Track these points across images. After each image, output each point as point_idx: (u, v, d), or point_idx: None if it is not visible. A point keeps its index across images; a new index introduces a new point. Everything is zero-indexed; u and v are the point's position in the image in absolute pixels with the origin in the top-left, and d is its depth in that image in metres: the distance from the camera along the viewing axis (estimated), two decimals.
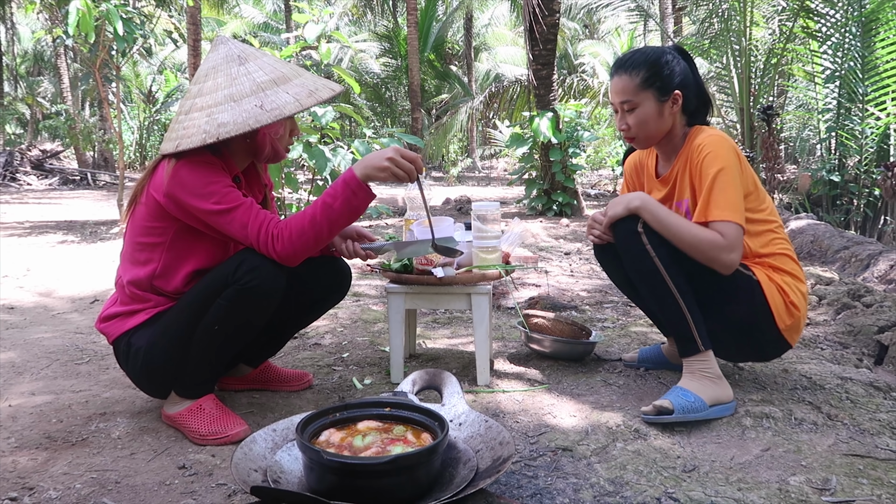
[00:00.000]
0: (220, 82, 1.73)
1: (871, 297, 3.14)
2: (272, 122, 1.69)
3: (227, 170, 1.77)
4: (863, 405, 1.93)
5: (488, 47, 23.01)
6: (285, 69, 1.79)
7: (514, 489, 1.46)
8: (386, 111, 20.04)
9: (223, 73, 1.74)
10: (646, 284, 1.86)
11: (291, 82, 1.75)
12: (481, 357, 2.13)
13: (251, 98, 1.69)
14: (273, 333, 2.03)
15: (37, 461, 1.63)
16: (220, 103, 1.70)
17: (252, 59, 1.77)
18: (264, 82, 1.73)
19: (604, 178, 14.93)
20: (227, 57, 1.77)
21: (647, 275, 1.83)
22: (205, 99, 1.73)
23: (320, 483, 1.31)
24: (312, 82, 1.79)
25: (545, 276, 4.03)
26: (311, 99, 1.74)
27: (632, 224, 1.84)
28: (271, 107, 1.69)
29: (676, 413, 1.75)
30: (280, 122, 1.77)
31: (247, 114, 1.67)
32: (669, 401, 1.77)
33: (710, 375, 1.83)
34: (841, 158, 7.19)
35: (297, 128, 1.91)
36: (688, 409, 1.77)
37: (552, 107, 7.72)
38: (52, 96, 23.14)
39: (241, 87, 1.71)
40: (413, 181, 1.75)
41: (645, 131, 1.93)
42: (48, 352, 2.58)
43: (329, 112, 4.97)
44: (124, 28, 5.54)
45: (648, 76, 1.88)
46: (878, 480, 1.50)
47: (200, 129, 1.68)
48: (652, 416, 1.77)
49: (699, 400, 1.79)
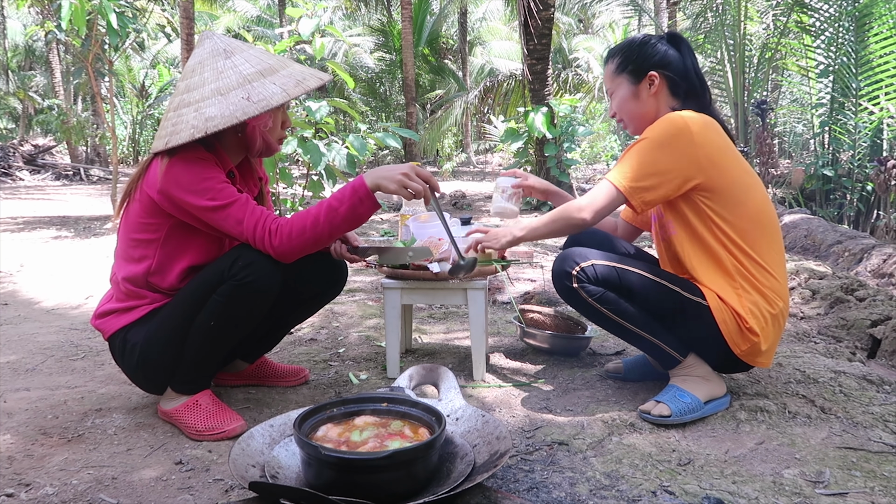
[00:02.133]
0: (207, 77, 1.72)
1: (864, 291, 3.16)
2: (260, 114, 1.67)
3: (221, 165, 1.76)
4: (856, 398, 1.94)
5: (483, 42, 22.97)
6: (272, 60, 1.77)
7: (511, 483, 1.47)
8: (380, 106, 19.98)
9: (209, 68, 1.73)
10: (603, 325, 1.88)
11: (278, 73, 1.74)
12: (477, 352, 2.13)
13: (238, 90, 1.68)
14: (269, 329, 2.03)
15: (33, 457, 1.63)
16: (208, 98, 1.69)
17: (238, 53, 1.76)
18: (251, 74, 1.71)
19: (598, 172, 14.94)
20: (213, 51, 1.76)
21: (600, 319, 1.85)
22: (192, 94, 1.71)
23: (318, 478, 1.31)
24: (300, 72, 1.78)
25: (541, 271, 4.04)
26: (298, 88, 1.72)
27: (567, 281, 1.83)
28: (258, 98, 1.67)
29: (674, 416, 1.77)
30: (269, 114, 1.76)
31: (234, 106, 1.66)
32: (667, 405, 1.78)
33: (701, 375, 1.85)
34: (834, 153, 7.22)
35: (289, 119, 1.90)
36: (684, 410, 1.78)
37: (547, 102, 7.72)
38: (44, 91, 22.98)
39: (228, 81, 1.70)
40: (427, 201, 1.73)
41: (626, 114, 1.94)
42: (43, 348, 2.58)
43: (323, 107, 4.95)
44: (118, 22, 5.50)
45: (621, 61, 1.92)
46: (870, 473, 1.51)
47: (189, 124, 1.67)
48: (650, 416, 1.79)
49: (695, 399, 1.81)
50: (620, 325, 1.83)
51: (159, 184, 1.68)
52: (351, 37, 19.41)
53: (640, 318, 1.82)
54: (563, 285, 1.85)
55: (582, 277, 1.81)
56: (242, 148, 1.85)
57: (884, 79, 6.63)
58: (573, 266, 1.81)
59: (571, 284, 1.82)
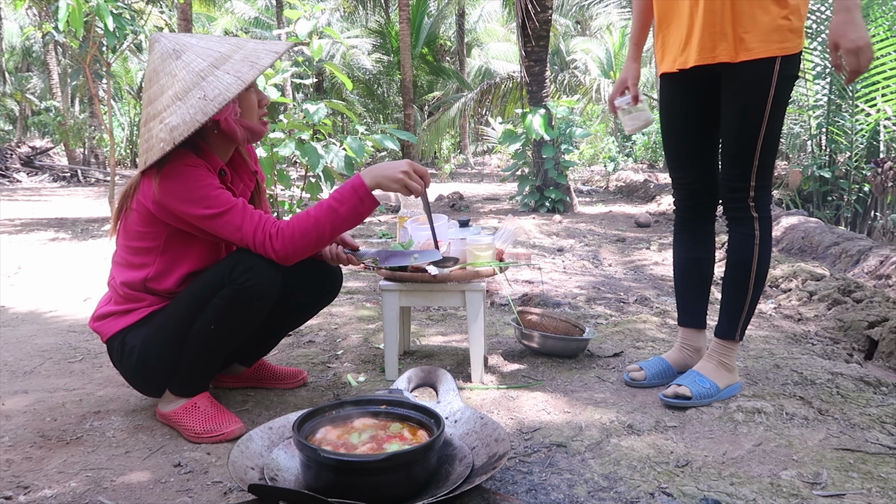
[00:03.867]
0: (164, 83, 1.68)
1: (861, 293, 3.17)
2: (222, 108, 1.63)
3: (212, 166, 1.74)
4: (853, 400, 1.95)
5: (480, 43, 23.01)
6: (223, 48, 1.70)
7: (510, 485, 1.47)
8: (378, 107, 19.99)
9: (164, 73, 1.68)
10: (736, 273, 1.95)
11: (230, 60, 1.67)
12: (475, 354, 2.14)
13: (194, 91, 1.64)
14: (266, 332, 2.03)
15: (31, 460, 1.63)
16: (169, 106, 1.65)
17: (188, 50, 1.69)
18: (203, 69, 1.65)
19: (596, 173, 14.96)
20: (163, 55, 1.70)
21: (740, 263, 1.93)
22: (155, 106, 1.68)
23: (317, 480, 1.31)
24: (253, 51, 1.71)
25: (539, 273, 4.05)
26: (253, 71, 1.67)
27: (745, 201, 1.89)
28: (214, 94, 1.63)
29: (694, 399, 1.88)
30: (233, 103, 1.72)
31: (193, 109, 1.62)
32: (688, 387, 1.89)
33: (728, 365, 1.97)
34: (831, 155, 7.23)
35: (265, 97, 1.84)
36: (704, 395, 1.90)
37: (545, 103, 7.73)
38: (41, 92, 22.95)
39: (184, 83, 1.65)
40: (421, 195, 1.75)
41: None
42: (41, 350, 2.57)
43: (321, 109, 4.95)
44: (115, 23, 5.50)
45: None
46: (868, 474, 1.52)
47: (157, 138, 1.64)
48: (670, 398, 1.88)
49: (714, 386, 1.92)
50: (747, 279, 1.92)
51: (154, 196, 1.67)
52: (349, 38, 19.42)
53: (761, 286, 1.94)
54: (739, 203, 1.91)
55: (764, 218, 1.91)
56: (227, 141, 1.81)
57: (880, 81, 6.65)
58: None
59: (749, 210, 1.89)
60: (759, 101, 1.80)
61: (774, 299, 3.50)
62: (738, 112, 1.84)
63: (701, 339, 2.14)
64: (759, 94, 1.79)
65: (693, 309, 2.12)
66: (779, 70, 1.78)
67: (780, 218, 5.69)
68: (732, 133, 1.86)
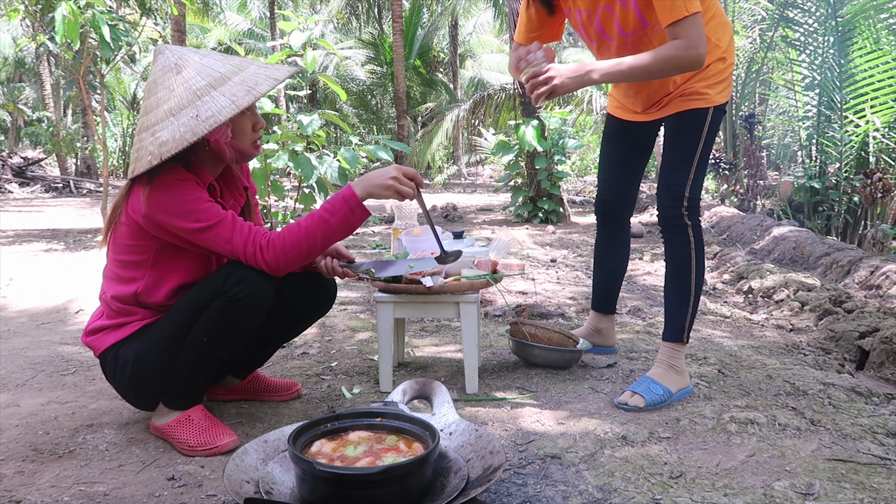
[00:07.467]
0: (161, 97, 1.68)
1: (852, 303, 3.19)
2: (214, 129, 1.64)
3: (202, 181, 1.75)
4: (845, 410, 1.96)
5: (473, 54, 23.12)
6: (224, 68, 1.71)
7: (504, 497, 1.47)
8: (372, 118, 20.04)
9: (162, 87, 1.69)
10: (676, 274, 2.09)
11: (229, 82, 1.68)
12: (470, 365, 2.14)
13: (189, 109, 1.64)
14: (260, 344, 2.03)
15: (23, 473, 1.62)
16: (161, 120, 1.66)
17: (189, 66, 1.70)
18: (201, 88, 1.66)
19: (589, 184, 15.01)
20: (164, 68, 1.70)
21: (679, 266, 2.07)
22: (149, 117, 1.69)
23: (313, 494, 1.31)
24: (252, 76, 1.71)
25: (532, 284, 4.06)
26: (248, 97, 1.67)
27: (678, 209, 2.04)
28: (206, 115, 1.63)
29: (647, 406, 1.99)
30: (225, 125, 1.73)
31: (184, 127, 1.62)
32: (642, 396, 1.99)
33: (678, 368, 2.08)
34: (822, 165, 7.30)
35: (261, 120, 1.84)
36: (657, 402, 2.00)
37: (537, 115, 7.77)
38: (33, 103, 22.90)
39: (179, 99, 1.66)
40: (412, 198, 1.75)
41: None
42: (33, 363, 2.56)
43: (315, 120, 4.97)
44: (110, 35, 5.50)
45: None
46: (860, 485, 1.53)
47: (147, 150, 1.65)
48: (625, 405, 1.99)
49: (667, 391, 2.02)
50: (688, 281, 2.06)
51: (143, 209, 1.67)
52: (342, 50, 19.48)
53: (700, 287, 2.08)
54: (672, 216, 2.06)
55: (693, 213, 2.05)
56: (217, 159, 1.81)
57: (868, 92, 6.72)
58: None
59: (682, 216, 2.04)
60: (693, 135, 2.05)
61: (766, 310, 3.52)
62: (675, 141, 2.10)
63: (605, 322, 2.49)
64: (694, 130, 2.05)
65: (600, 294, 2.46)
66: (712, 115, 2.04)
67: (771, 228, 5.73)
68: (669, 155, 2.10)
